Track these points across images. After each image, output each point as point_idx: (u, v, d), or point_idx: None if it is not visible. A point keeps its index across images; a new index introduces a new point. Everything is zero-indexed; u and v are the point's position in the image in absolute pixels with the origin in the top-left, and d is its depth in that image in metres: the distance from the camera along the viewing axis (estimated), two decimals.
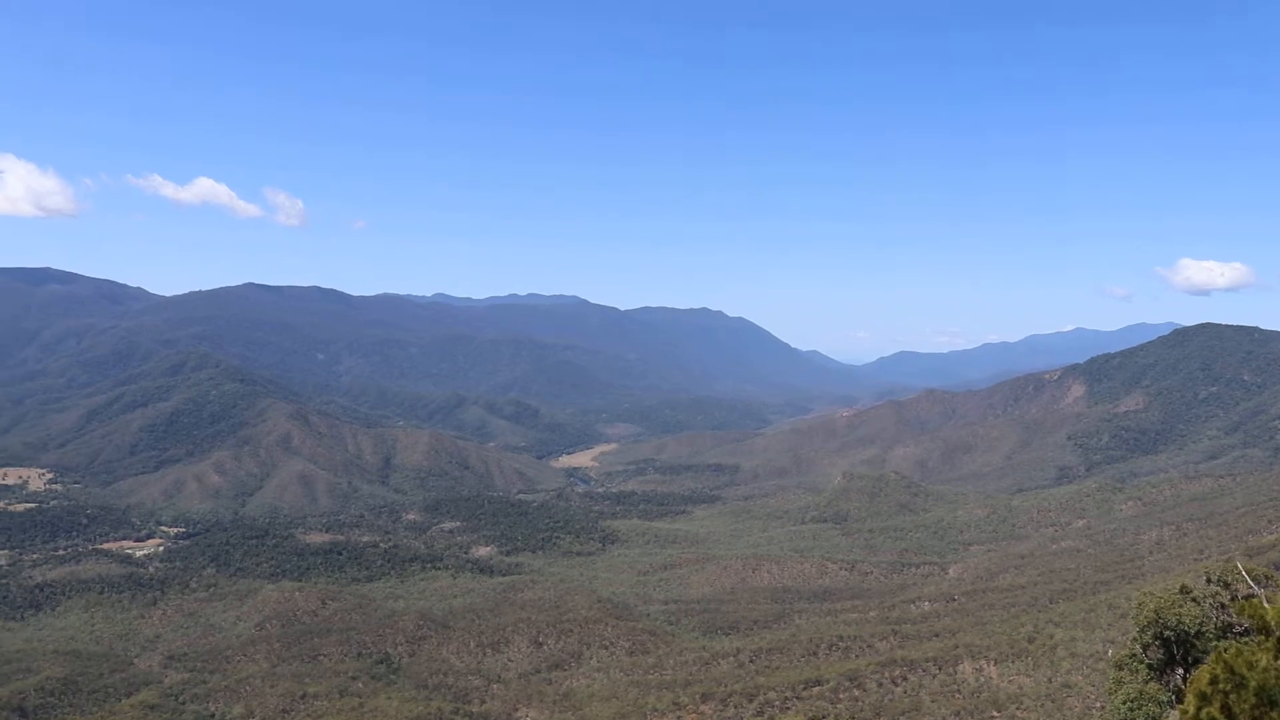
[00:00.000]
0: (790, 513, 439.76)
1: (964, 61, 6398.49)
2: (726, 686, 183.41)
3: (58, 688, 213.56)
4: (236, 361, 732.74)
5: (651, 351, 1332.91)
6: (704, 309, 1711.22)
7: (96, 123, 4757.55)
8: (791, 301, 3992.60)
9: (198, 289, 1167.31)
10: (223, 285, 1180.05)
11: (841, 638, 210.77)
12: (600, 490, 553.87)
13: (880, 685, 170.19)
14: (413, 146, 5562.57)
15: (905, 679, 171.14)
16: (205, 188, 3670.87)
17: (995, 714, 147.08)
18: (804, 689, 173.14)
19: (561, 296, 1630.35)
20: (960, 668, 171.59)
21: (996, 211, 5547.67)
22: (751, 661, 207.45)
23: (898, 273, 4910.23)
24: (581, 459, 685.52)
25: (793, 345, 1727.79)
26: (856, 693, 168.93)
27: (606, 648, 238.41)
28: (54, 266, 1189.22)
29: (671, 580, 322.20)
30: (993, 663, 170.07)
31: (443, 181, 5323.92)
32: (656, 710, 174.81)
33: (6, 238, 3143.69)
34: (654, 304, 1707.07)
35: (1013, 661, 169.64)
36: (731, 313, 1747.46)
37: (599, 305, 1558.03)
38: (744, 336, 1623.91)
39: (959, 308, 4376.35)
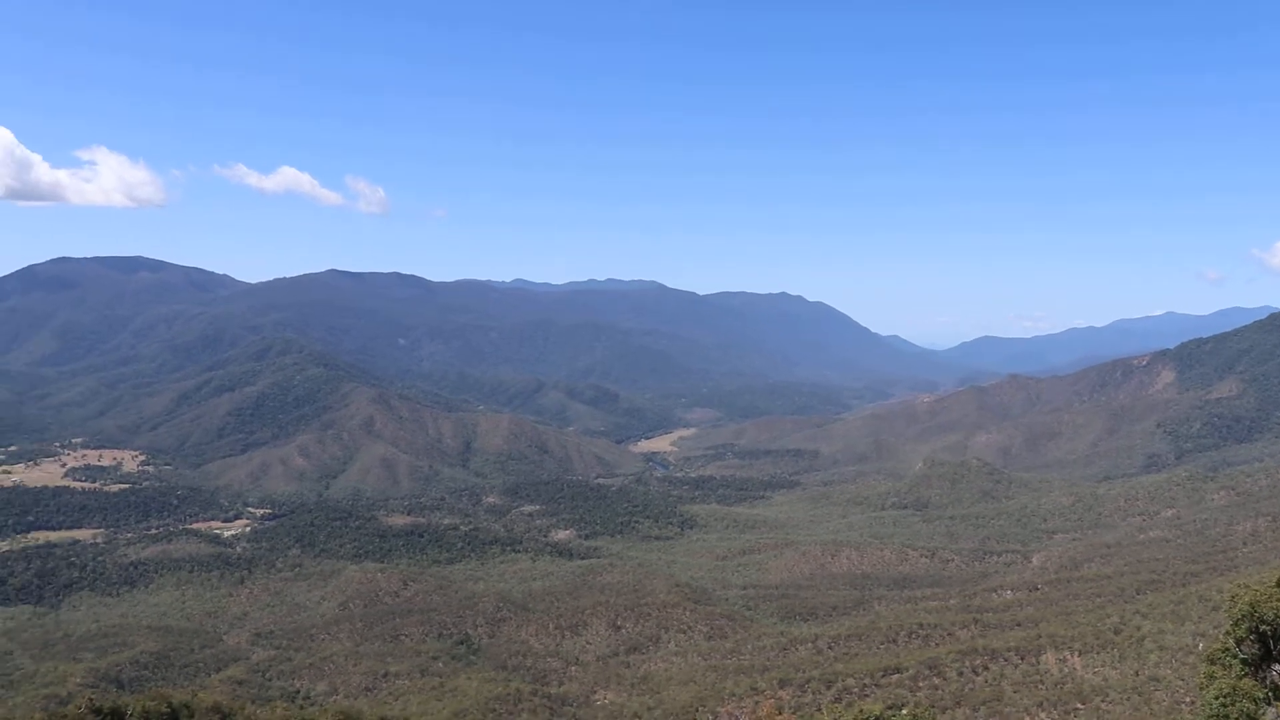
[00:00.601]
0: (870, 499, 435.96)
1: (1052, 39, 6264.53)
2: (804, 673, 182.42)
3: (151, 661, 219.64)
4: (320, 347, 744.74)
5: (730, 336, 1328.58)
6: (783, 294, 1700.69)
7: (183, 114, 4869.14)
8: (872, 286, 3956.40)
9: (282, 276, 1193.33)
10: (306, 272, 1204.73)
11: (921, 625, 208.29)
12: (679, 475, 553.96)
13: (960, 674, 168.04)
14: (493, 134, 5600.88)
15: (986, 668, 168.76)
16: (288, 176, 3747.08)
17: (1080, 706, 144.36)
18: (883, 676, 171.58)
19: (640, 281, 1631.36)
20: (1043, 658, 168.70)
21: (1086, 193, 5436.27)
22: (830, 648, 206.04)
23: (981, 256, 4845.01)
24: (660, 444, 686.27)
25: (873, 330, 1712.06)
26: (936, 681, 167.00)
27: (684, 632, 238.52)
28: (145, 255, 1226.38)
29: (750, 565, 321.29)
30: (1077, 654, 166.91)
31: (523, 168, 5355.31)
32: (734, 695, 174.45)
33: (101, 228, 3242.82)
34: (733, 289, 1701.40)
35: (1098, 653, 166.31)
36: (811, 297, 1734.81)
37: (678, 290, 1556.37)
38: (823, 321, 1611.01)
39: (1045, 292, 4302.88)
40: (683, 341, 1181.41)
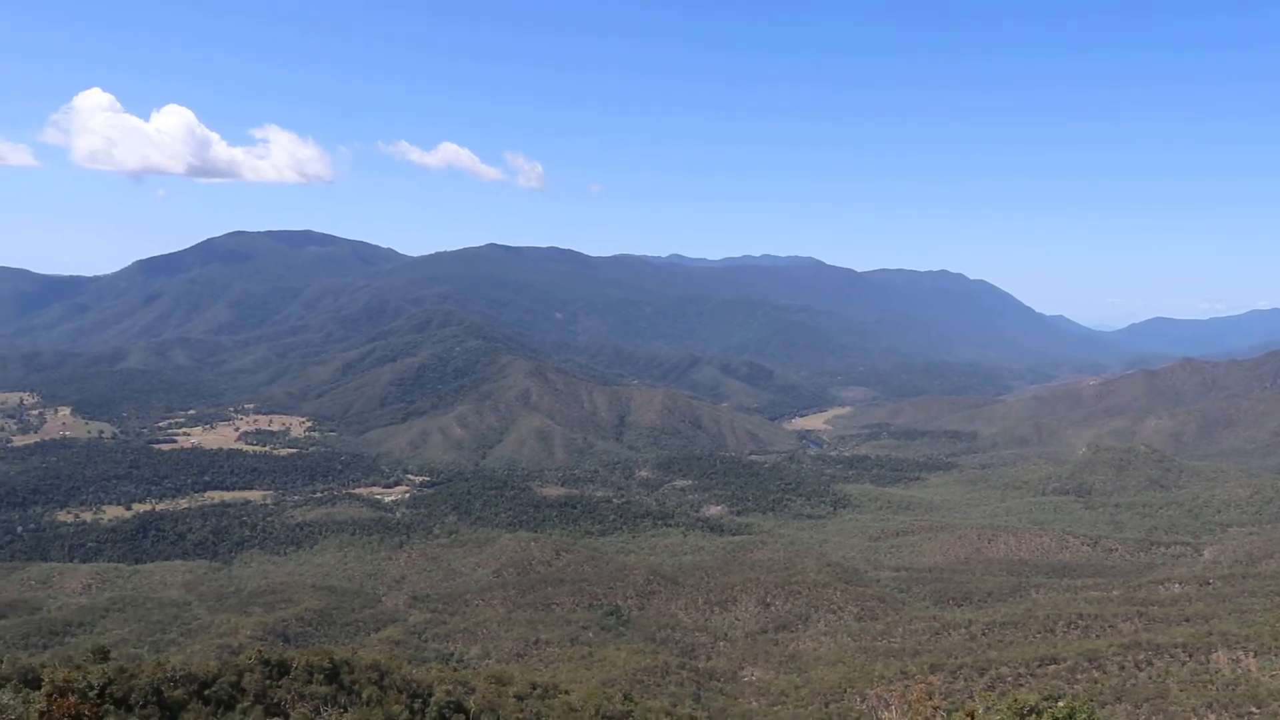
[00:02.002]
0: (1030, 483, 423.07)
1: (1227, 8, 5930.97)
2: (956, 658, 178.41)
3: (315, 619, 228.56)
4: (479, 319, 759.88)
5: (888, 314, 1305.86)
6: (943, 271, 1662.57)
7: (349, 93, 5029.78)
8: (1037, 264, 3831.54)
9: (443, 250, 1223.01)
10: (466, 246, 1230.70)
11: (1081, 616, 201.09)
12: (833, 454, 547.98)
13: (1122, 668, 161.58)
14: (650, 109, 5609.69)
15: (1150, 664, 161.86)
16: (449, 152, 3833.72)
17: (1254, 710, 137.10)
18: (1039, 666, 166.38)
19: (796, 257, 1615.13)
20: (1214, 657, 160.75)
21: (1270, 168, 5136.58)
22: (984, 634, 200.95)
23: (1154, 234, 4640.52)
24: (814, 422, 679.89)
25: (1037, 310, 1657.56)
26: (1096, 674, 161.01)
27: (834, 612, 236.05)
28: (314, 229, 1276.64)
29: (903, 547, 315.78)
30: (1252, 654, 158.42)
31: (678, 144, 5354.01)
32: (883, 678, 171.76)
33: (273, 203, 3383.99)
34: (891, 266, 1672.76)
35: (1276, 655, 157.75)
36: (973, 275, 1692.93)
37: (835, 267, 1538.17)
38: (985, 300, 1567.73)
39: (1224, 272, 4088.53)
40: (839, 319, 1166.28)
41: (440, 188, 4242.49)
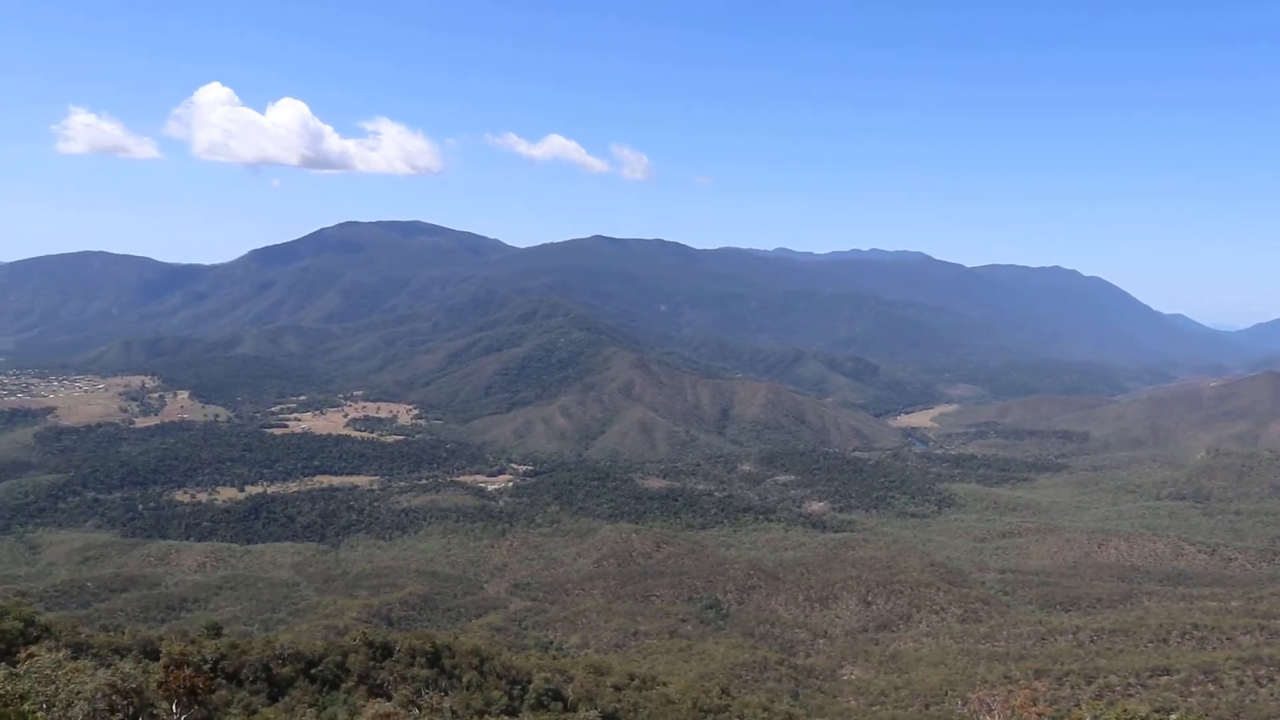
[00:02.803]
0: (1144, 487, 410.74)
1: None
2: (1063, 665, 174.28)
3: (418, 603, 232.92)
4: (584, 310, 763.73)
5: (998, 311, 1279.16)
6: (1056, 267, 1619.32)
7: (457, 86, 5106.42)
8: (1155, 260, 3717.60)
9: (549, 241, 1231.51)
10: (572, 238, 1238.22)
11: (1196, 626, 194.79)
12: (938, 452, 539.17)
13: (1241, 684, 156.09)
14: (757, 101, 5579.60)
15: (1272, 679, 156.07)
16: (556, 145, 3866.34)
17: None
18: (1150, 677, 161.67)
19: (905, 252, 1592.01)
20: None
21: None
22: (1092, 641, 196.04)
23: None
24: (920, 419, 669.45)
25: (1154, 308, 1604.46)
26: (1212, 688, 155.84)
27: (937, 613, 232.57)
28: (423, 220, 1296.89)
29: (1009, 549, 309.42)
30: None
31: (786, 136, 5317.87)
32: (986, 682, 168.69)
33: (384, 194, 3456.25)
34: (1002, 261, 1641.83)
35: None
36: (1086, 271, 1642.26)
37: (943, 262, 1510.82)
38: (1099, 297, 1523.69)
39: None
40: (947, 315, 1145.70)
41: (547, 179, 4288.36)
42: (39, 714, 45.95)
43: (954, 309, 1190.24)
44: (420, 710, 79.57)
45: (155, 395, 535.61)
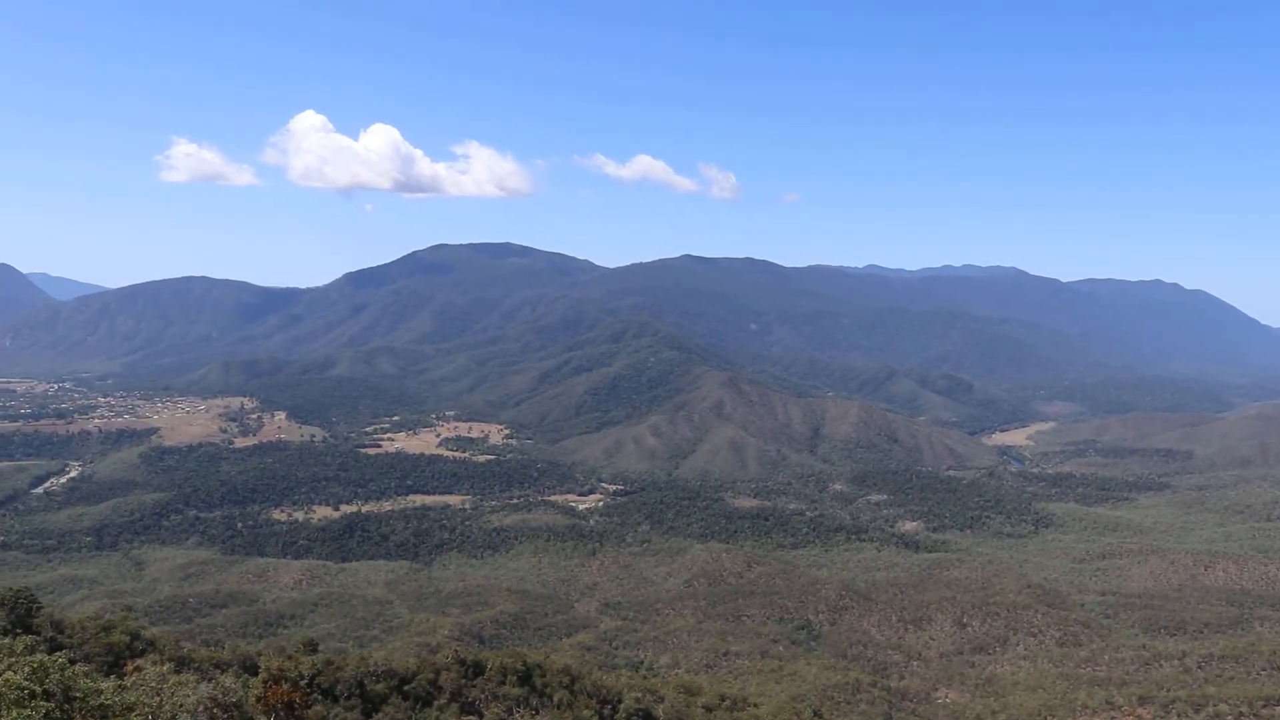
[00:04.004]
0: (1253, 508, 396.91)
1: None
2: (1169, 692, 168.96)
3: (509, 621, 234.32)
4: (673, 330, 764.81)
5: (1096, 326, 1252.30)
6: (1157, 281, 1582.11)
7: (545, 108, 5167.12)
8: (1263, 272, 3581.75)
9: (638, 261, 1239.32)
10: (661, 257, 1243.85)
11: None
12: (1035, 470, 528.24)
13: None
14: (846, 117, 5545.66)
15: None
16: (644, 165, 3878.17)
17: None
18: (1263, 707, 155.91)
19: (998, 267, 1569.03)
20: None
21: None
22: (1200, 668, 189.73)
23: None
24: (1015, 437, 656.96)
25: (1262, 321, 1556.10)
26: None
27: (1035, 635, 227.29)
28: (513, 241, 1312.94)
29: (1110, 570, 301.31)
30: None
31: (877, 150, 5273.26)
32: (1087, 708, 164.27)
33: (474, 216, 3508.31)
34: (1099, 275, 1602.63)
35: None
36: (1190, 284, 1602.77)
37: (1039, 277, 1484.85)
38: (1203, 311, 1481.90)
39: None
40: (1043, 331, 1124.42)
41: (635, 199, 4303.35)
42: None
43: (1050, 325, 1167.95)
44: None
45: (254, 416, 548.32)
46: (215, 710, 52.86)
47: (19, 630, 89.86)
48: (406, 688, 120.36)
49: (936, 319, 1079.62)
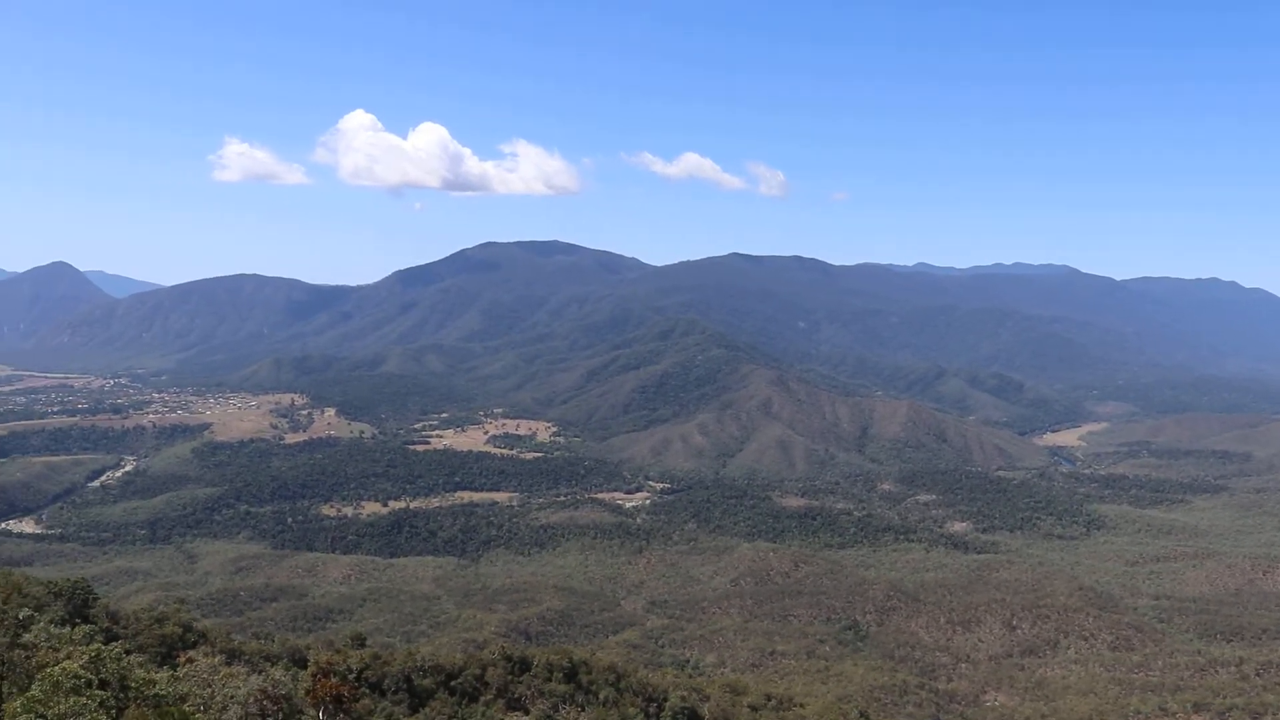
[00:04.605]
0: None
1: None
2: (1225, 699, 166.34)
3: (556, 618, 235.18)
4: (721, 328, 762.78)
5: (1150, 325, 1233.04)
6: (1213, 279, 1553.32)
7: (592, 107, 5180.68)
8: None
9: (685, 259, 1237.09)
10: (708, 255, 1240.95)
11: None
12: (1087, 471, 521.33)
13: None
14: (894, 114, 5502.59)
15: None
16: (691, 162, 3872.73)
17: None
18: None
19: (1050, 265, 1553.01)
20: None
21: None
22: (1258, 675, 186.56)
23: None
24: (1067, 437, 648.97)
25: None
26: None
27: (1086, 639, 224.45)
28: (561, 239, 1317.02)
29: (1164, 574, 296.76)
30: None
31: (925, 149, 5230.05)
32: (1139, 713, 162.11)
33: (522, 214, 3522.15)
34: (1154, 274, 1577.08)
35: None
36: (1247, 283, 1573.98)
37: (1091, 275, 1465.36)
38: (1262, 309, 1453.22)
39: None
40: (1095, 330, 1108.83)
41: (682, 197, 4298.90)
42: (198, 715, 47.73)
43: (1103, 324, 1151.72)
44: None
45: (304, 412, 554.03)
46: (265, 702, 53.49)
47: (77, 620, 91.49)
48: (453, 683, 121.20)
49: (986, 318, 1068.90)
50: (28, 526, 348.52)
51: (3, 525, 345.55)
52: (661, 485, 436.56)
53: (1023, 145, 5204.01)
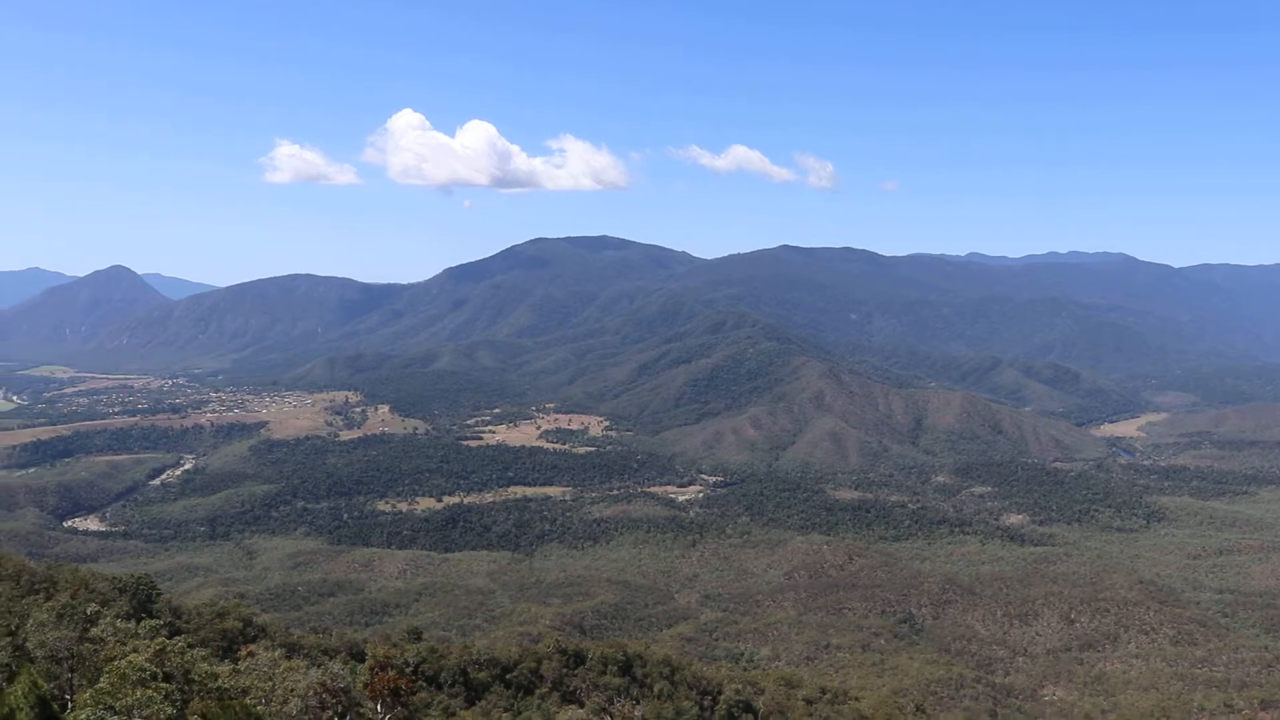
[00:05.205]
0: None
1: None
2: None
3: (610, 612, 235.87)
4: (772, 321, 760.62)
5: (1210, 313, 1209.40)
6: (1276, 265, 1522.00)
7: (639, 101, 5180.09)
8: None
9: (735, 252, 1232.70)
10: (758, 248, 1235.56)
11: None
12: (1146, 463, 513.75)
13: None
14: (944, 102, 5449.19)
15: None
16: (739, 155, 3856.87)
17: None
18: None
19: (1106, 254, 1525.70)
20: None
21: None
22: None
23: None
24: (1125, 428, 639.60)
25: None
26: None
27: (1147, 633, 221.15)
28: (610, 234, 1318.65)
29: (1227, 567, 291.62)
30: None
31: (975, 137, 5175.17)
32: (1203, 709, 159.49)
33: (571, 210, 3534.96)
34: (1214, 260, 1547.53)
35: None
36: None
37: (1149, 263, 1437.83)
38: None
39: None
40: (1154, 318, 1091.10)
41: (731, 190, 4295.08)
42: (259, 708, 48.47)
43: (1161, 312, 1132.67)
44: (612, 718, 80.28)
45: (358, 409, 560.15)
46: (324, 695, 54.17)
47: (141, 615, 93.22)
48: (509, 676, 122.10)
49: (1041, 307, 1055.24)
50: (93, 524, 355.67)
51: (69, 523, 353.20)
52: (714, 478, 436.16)
53: (1077, 131, 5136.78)
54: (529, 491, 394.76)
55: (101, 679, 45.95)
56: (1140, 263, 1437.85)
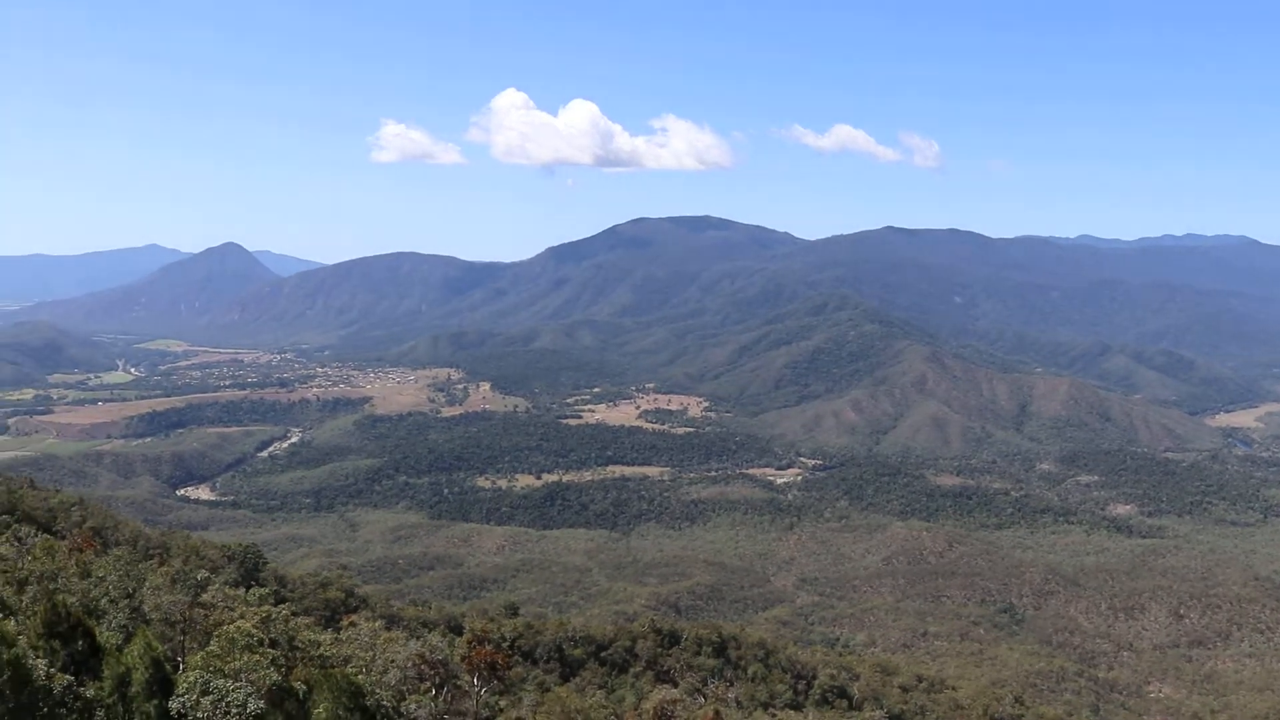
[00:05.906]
0: None
1: None
2: None
3: (705, 593, 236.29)
4: (874, 303, 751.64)
5: None
6: None
7: (741, 79, 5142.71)
8: None
9: (839, 233, 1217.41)
10: (861, 229, 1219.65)
11: None
12: (1264, 455, 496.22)
13: None
14: (1055, 82, 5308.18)
15: None
16: (843, 134, 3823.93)
17: None
18: None
19: (1225, 236, 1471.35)
20: None
21: None
22: None
23: None
24: (1243, 418, 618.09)
25: None
26: None
27: (1262, 632, 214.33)
28: (712, 214, 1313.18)
29: None
30: None
31: (1087, 116, 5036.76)
32: None
33: (673, 189, 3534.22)
34: None
35: None
36: None
37: (1272, 246, 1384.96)
38: None
39: None
40: (1276, 304, 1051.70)
41: (834, 170, 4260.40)
42: (360, 676, 49.66)
43: None
44: (705, 699, 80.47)
45: (460, 387, 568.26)
46: (423, 666, 55.16)
47: (249, 582, 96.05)
48: (603, 654, 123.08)
49: (1155, 292, 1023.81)
50: (204, 493, 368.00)
51: (182, 491, 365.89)
52: (813, 462, 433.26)
53: (1189, 109, 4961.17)
54: (627, 471, 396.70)
55: (211, 643, 47.46)
56: (1262, 245, 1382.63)
